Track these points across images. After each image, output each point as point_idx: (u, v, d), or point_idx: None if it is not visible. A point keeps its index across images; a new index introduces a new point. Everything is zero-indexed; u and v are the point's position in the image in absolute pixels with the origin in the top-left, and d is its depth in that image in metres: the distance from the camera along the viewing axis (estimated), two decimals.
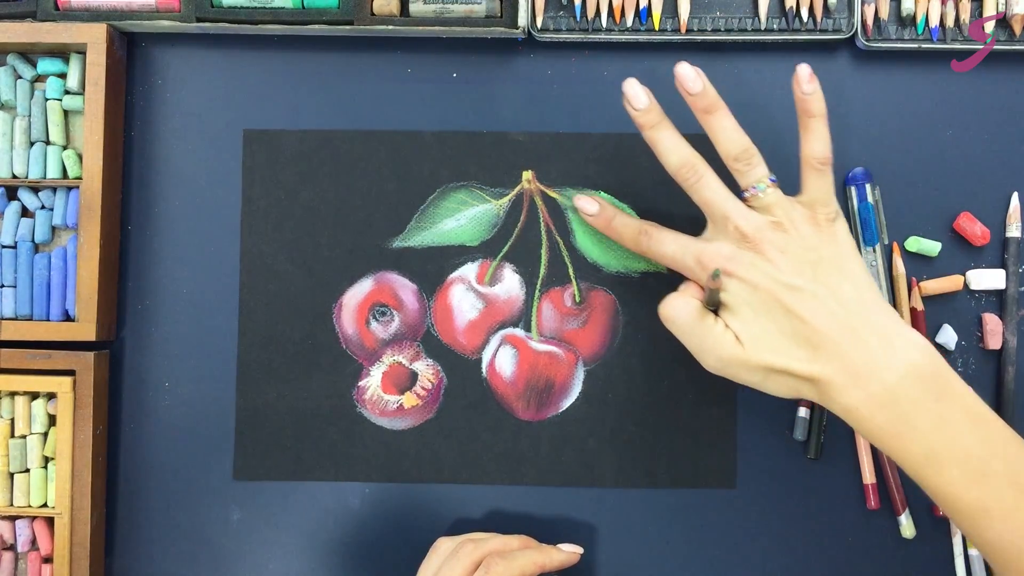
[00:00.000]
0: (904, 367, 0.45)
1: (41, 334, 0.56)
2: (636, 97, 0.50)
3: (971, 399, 0.45)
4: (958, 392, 0.45)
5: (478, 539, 0.54)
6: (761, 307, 0.47)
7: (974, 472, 0.43)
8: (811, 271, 0.47)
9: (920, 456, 0.44)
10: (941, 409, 0.44)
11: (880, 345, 0.45)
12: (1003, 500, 0.43)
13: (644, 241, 0.52)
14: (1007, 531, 0.42)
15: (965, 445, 0.44)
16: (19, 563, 0.58)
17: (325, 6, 0.56)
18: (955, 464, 0.43)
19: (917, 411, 0.44)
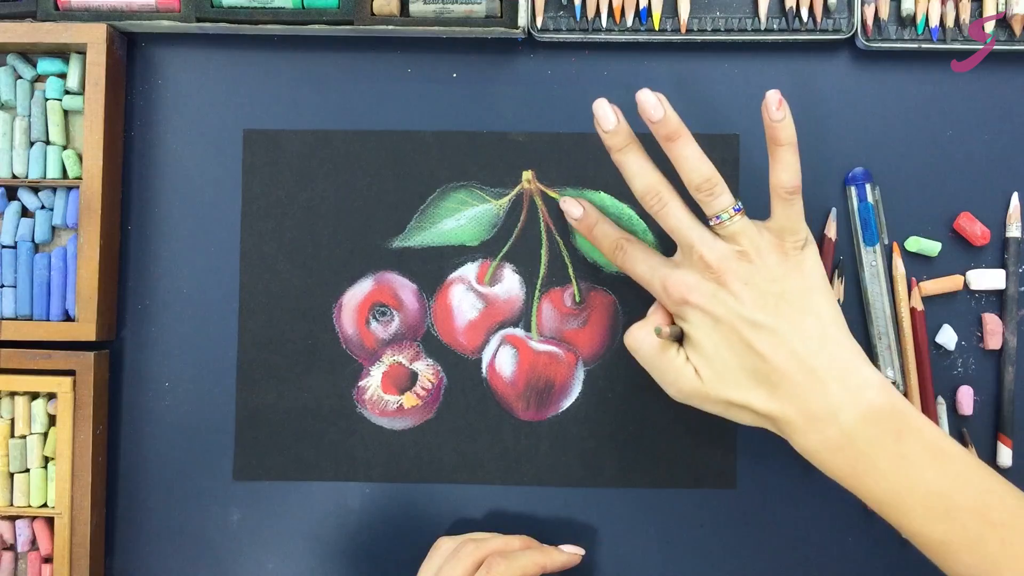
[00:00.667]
0: (861, 408, 0.45)
1: (41, 334, 0.56)
2: (605, 118, 0.50)
3: (931, 433, 0.45)
4: (917, 427, 0.45)
5: (479, 539, 0.54)
6: (722, 341, 0.47)
7: (938, 508, 0.43)
8: (774, 305, 0.47)
9: (882, 495, 0.44)
10: (900, 448, 0.44)
11: (838, 387, 0.45)
12: (968, 532, 0.43)
13: (619, 255, 0.52)
14: (975, 563, 0.43)
15: (927, 481, 0.44)
16: (19, 563, 0.58)
17: (325, 6, 0.56)
18: (918, 502, 0.44)
19: (876, 452, 0.44)
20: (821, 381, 0.45)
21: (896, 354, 0.57)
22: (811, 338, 0.46)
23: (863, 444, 0.45)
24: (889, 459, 0.44)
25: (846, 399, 0.45)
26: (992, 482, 0.44)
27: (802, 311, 0.47)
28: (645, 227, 0.58)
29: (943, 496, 0.44)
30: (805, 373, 0.46)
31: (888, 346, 0.57)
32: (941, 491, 0.44)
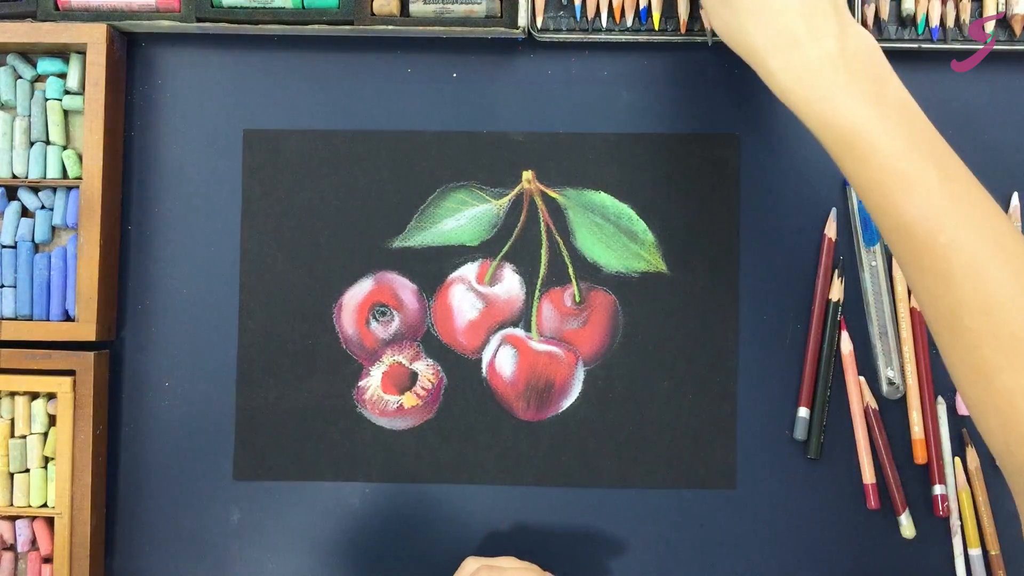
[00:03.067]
0: (854, 41, 0.45)
1: (41, 334, 0.56)
2: None
3: (906, 94, 0.45)
4: (895, 84, 0.46)
5: (499, 567, 0.52)
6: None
7: (905, 141, 0.43)
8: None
9: (854, 119, 0.43)
10: (881, 85, 0.45)
11: (827, 18, 0.45)
12: (927, 175, 0.42)
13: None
14: (927, 206, 0.42)
15: (902, 115, 0.44)
16: (19, 563, 0.58)
17: (325, 6, 0.56)
18: (888, 132, 0.43)
19: (852, 79, 0.44)
20: (834, 8, 0.45)
21: (896, 354, 0.57)
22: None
23: (840, 72, 0.44)
24: (873, 89, 0.44)
25: (833, 28, 0.45)
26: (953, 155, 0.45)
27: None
28: (645, 227, 0.58)
29: (919, 135, 0.44)
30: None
31: (888, 346, 0.57)
32: (916, 130, 0.44)
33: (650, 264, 0.58)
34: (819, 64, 0.44)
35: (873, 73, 0.45)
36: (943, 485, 0.56)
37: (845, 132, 0.44)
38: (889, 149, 0.43)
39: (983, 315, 0.41)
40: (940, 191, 0.42)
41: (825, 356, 0.57)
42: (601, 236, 0.58)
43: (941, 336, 0.43)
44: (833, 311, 0.57)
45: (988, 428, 0.42)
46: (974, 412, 0.43)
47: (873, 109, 0.44)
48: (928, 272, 0.42)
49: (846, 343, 0.57)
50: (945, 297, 0.42)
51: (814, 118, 0.45)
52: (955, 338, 0.42)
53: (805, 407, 0.57)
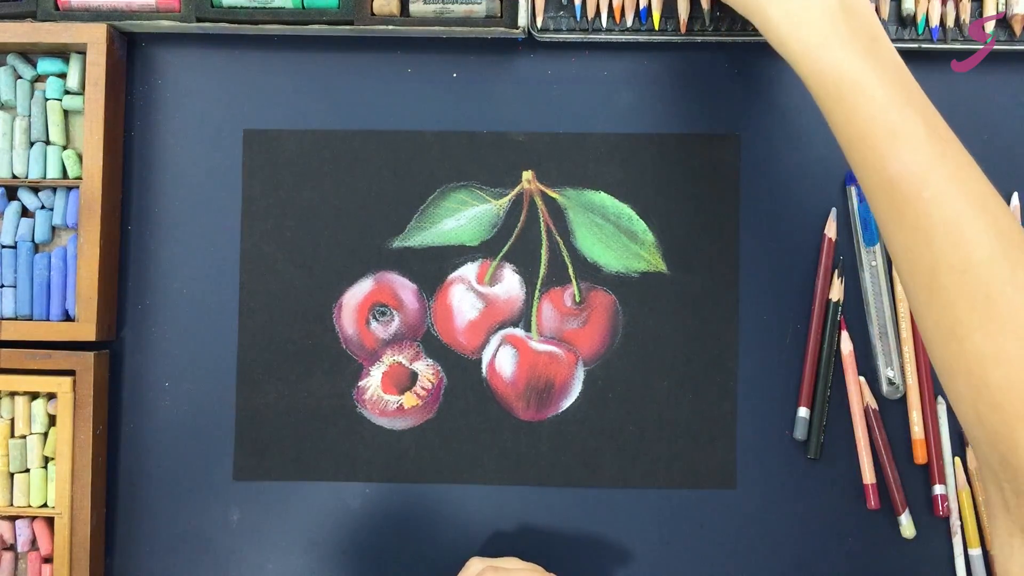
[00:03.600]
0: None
1: (41, 334, 0.56)
2: None
3: (897, 54, 0.46)
4: (888, 45, 0.46)
5: (504, 568, 0.52)
6: None
7: (896, 97, 0.43)
8: None
9: (847, 69, 0.44)
10: (874, 40, 0.45)
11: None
12: (915, 129, 0.42)
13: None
14: (912, 162, 0.42)
15: (894, 72, 0.44)
16: (19, 563, 0.58)
17: (325, 6, 0.56)
18: (880, 85, 0.43)
19: (851, 31, 0.44)
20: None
21: (896, 354, 0.57)
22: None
23: (839, 23, 0.44)
24: (865, 42, 0.44)
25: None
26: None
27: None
28: (645, 227, 0.58)
29: (908, 90, 0.44)
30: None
31: (888, 346, 0.57)
32: (906, 87, 0.44)
33: (650, 264, 0.58)
34: (819, 14, 0.45)
35: (869, 30, 0.45)
36: (943, 485, 0.56)
37: (838, 82, 0.44)
38: (880, 101, 0.43)
39: (960, 274, 0.41)
40: (927, 146, 0.42)
41: (825, 356, 0.57)
42: (601, 236, 0.58)
43: (917, 296, 0.43)
44: (833, 311, 0.57)
45: (958, 393, 0.42)
46: (944, 376, 0.43)
47: (867, 62, 0.44)
48: (909, 228, 0.42)
49: (846, 343, 0.57)
50: (924, 254, 0.42)
51: (808, 67, 0.45)
52: (931, 297, 0.42)
53: (805, 407, 0.57)
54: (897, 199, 0.42)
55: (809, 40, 0.45)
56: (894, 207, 0.43)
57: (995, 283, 0.40)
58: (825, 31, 0.45)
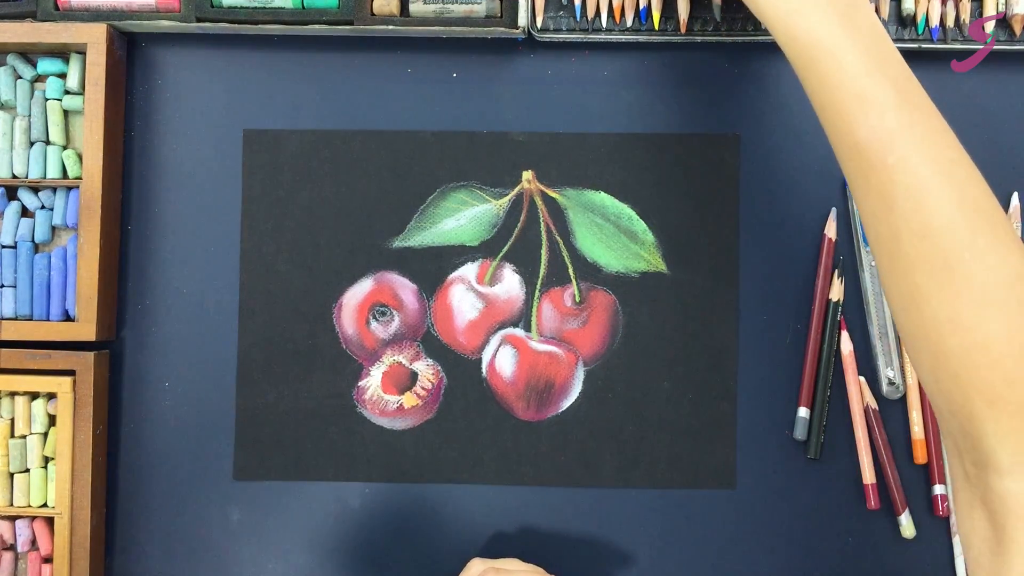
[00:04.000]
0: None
1: (41, 334, 0.56)
2: None
3: (877, 21, 0.45)
4: (869, 8, 0.45)
5: (505, 569, 0.52)
6: None
7: (868, 63, 0.43)
8: None
9: (823, 36, 0.44)
10: (856, 11, 0.44)
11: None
12: (885, 95, 0.42)
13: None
14: (879, 128, 0.42)
15: (871, 39, 0.44)
16: (19, 563, 0.58)
17: (325, 6, 0.56)
18: (853, 51, 0.43)
19: (830, 2, 0.44)
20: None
21: (896, 354, 0.57)
22: None
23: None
24: (843, 11, 0.44)
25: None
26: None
27: None
28: (645, 227, 0.58)
29: (884, 57, 0.43)
30: None
31: (888, 346, 0.57)
32: (882, 53, 0.44)
33: (650, 264, 0.58)
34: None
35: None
36: (943, 485, 0.56)
37: (811, 47, 0.44)
38: (852, 68, 0.43)
39: (920, 239, 0.41)
40: (895, 113, 0.42)
41: (825, 356, 0.57)
42: (601, 236, 0.58)
43: (881, 262, 0.43)
44: (833, 311, 0.57)
45: (919, 359, 0.42)
46: (907, 342, 0.43)
47: (843, 29, 0.43)
48: (874, 194, 0.42)
49: (846, 343, 0.57)
50: (887, 220, 0.42)
51: (784, 31, 0.44)
52: (892, 263, 0.42)
53: (805, 407, 0.57)
54: (863, 165, 0.42)
55: (787, 4, 0.44)
56: (861, 173, 0.43)
57: (954, 249, 0.40)
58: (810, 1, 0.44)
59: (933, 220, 0.41)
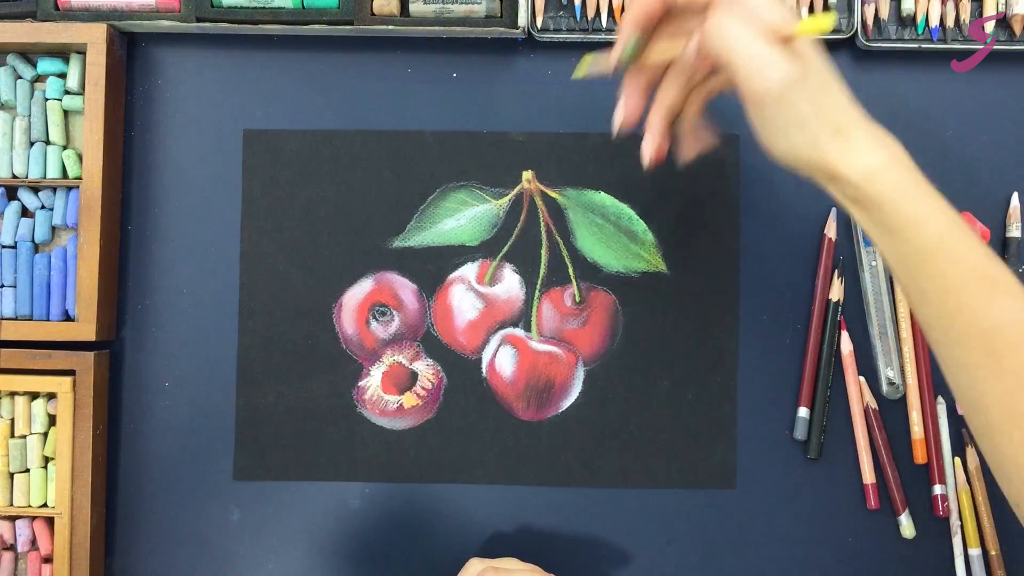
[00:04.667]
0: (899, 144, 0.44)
1: (41, 334, 0.56)
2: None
3: None
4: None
5: (504, 568, 0.52)
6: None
7: (986, 246, 0.43)
8: None
9: (945, 219, 0.42)
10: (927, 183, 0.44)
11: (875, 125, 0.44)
12: (1011, 277, 0.42)
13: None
14: (1014, 308, 0.41)
15: (957, 218, 0.43)
16: (19, 563, 0.58)
17: (325, 6, 0.56)
18: (971, 232, 0.42)
19: (926, 180, 0.43)
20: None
21: (896, 354, 0.57)
22: None
23: (917, 170, 0.43)
24: (939, 194, 0.43)
25: (887, 134, 0.44)
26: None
27: None
28: (645, 227, 0.58)
29: (978, 242, 0.43)
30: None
31: (888, 346, 0.57)
32: (976, 238, 0.43)
33: (650, 264, 0.58)
34: (907, 162, 0.43)
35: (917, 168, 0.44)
36: (943, 485, 0.56)
37: (941, 231, 0.42)
38: (979, 249, 0.42)
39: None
40: (1020, 291, 0.42)
41: (825, 356, 0.57)
42: (601, 236, 0.58)
43: (1010, 436, 0.42)
44: (833, 311, 0.57)
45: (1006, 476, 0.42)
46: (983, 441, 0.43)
47: (951, 209, 0.43)
48: (1011, 376, 0.41)
49: (846, 343, 0.57)
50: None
51: (903, 217, 0.43)
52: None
53: (805, 407, 0.57)
54: (997, 348, 0.41)
55: (904, 187, 0.43)
56: (993, 356, 0.41)
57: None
58: (919, 181, 0.43)
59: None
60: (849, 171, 0.43)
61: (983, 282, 0.42)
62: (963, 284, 0.42)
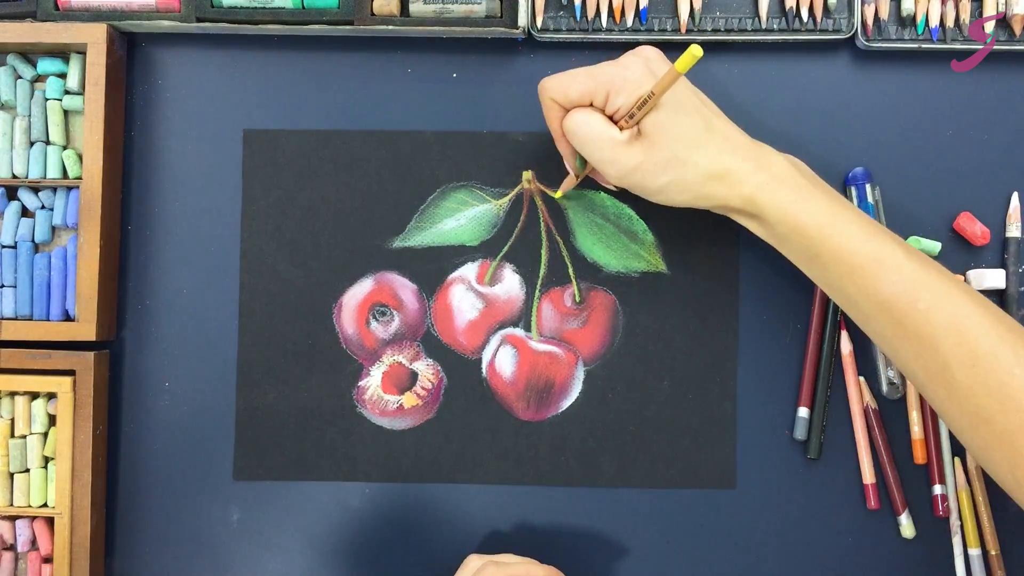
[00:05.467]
0: (784, 159, 0.50)
1: (41, 334, 0.56)
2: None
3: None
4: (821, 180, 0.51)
5: (503, 563, 0.53)
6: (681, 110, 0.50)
7: (868, 229, 0.48)
8: None
9: (824, 217, 0.48)
10: (824, 187, 0.50)
11: (760, 146, 0.51)
12: (895, 253, 0.47)
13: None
14: (900, 280, 0.47)
15: (854, 211, 0.49)
16: (19, 563, 0.58)
17: (325, 6, 0.56)
18: (851, 222, 0.48)
19: (811, 185, 0.49)
20: (750, 141, 0.51)
21: None
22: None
23: (800, 179, 0.49)
24: (821, 190, 0.49)
25: (772, 154, 0.50)
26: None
27: None
28: (645, 227, 0.58)
29: (869, 222, 0.49)
30: (741, 134, 0.51)
31: None
32: (867, 219, 0.49)
33: (650, 264, 0.58)
34: (789, 178, 0.49)
35: (811, 176, 0.51)
36: (943, 485, 0.56)
37: (819, 229, 0.48)
38: (859, 236, 0.48)
39: (971, 367, 0.45)
40: (908, 264, 0.47)
41: (825, 356, 0.57)
42: (601, 236, 0.58)
43: (936, 392, 0.47)
44: (833, 311, 0.57)
45: (995, 467, 0.46)
46: (980, 456, 0.47)
47: (833, 205, 0.49)
48: (913, 338, 0.47)
49: (846, 343, 0.57)
50: (934, 357, 0.46)
51: (791, 224, 0.49)
52: (950, 392, 0.46)
53: (805, 407, 0.57)
54: (895, 315, 0.47)
55: (788, 200, 0.49)
56: (895, 323, 0.47)
57: (1003, 368, 0.45)
58: (793, 190, 0.49)
59: (978, 347, 0.45)
60: (731, 202, 0.50)
61: (870, 263, 0.47)
62: (852, 269, 0.48)
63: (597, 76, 0.49)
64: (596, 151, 0.50)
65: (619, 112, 0.49)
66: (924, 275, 0.47)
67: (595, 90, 0.49)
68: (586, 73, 0.50)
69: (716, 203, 0.50)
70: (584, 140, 0.50)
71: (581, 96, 0.50)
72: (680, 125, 0.49)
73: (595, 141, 0.50)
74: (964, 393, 0.46)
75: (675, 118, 0.49)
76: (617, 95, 0.49)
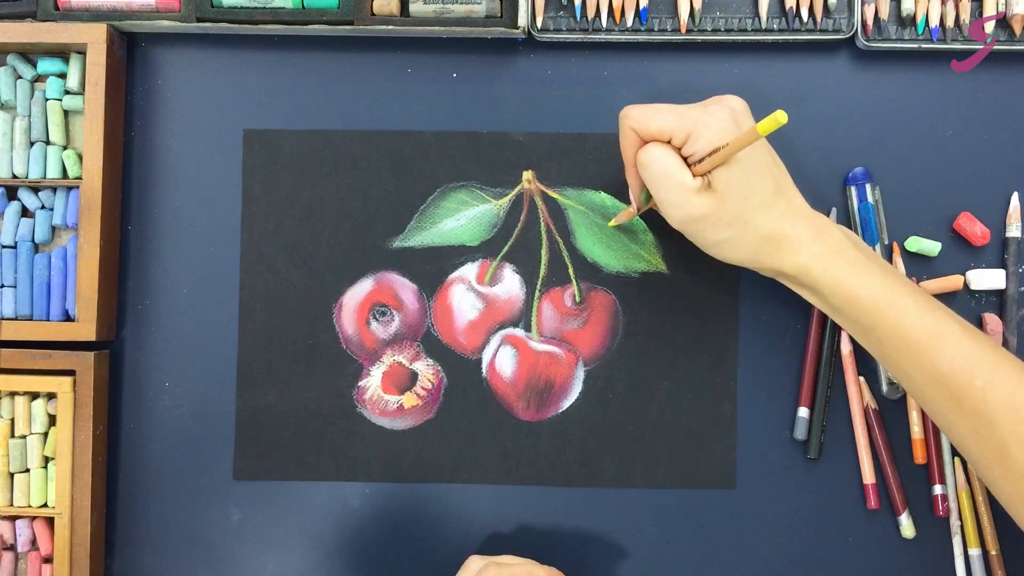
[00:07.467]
0: (840, 231, 0.51)
1: (41, 334, 0.56)
2: None
3: None
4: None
5: (504, 564, 0.53)
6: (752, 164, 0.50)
7: (924, 304, 0.48)
8: None
9: (879, 290, 0.48)
10: (879, 260, 0.50)
11: (819, 217, 0.51)
12: (952, 328, 0.47)
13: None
14: (958, 356, 0.47)
15: (910, 285, 0.49)
16: (19, 563, 0.58)
17: (325, 6, 0.56)
18: (907, 296, 0.48)
19: (866, 258, 0.49)
20: (815, 212, 0.51)
21: None
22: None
23: (855, 251, 0.49)
24: (877, 264, 0.50)
25: (830, 224, 0.51)
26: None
27: None
28: (645, 227, 0.58)
29: (925, 297, 0.49)
30: (804, 202, 0.51)
31: None
32: (923, 294, 0.49)
33: (650, 264, 0.58)
34: (846, 251, 0.49)
35: (866, 249, 0.51)
36: (943, 485, 0.56)
37: (877, 302, 0.48)
38: (915, 310, 0.48)
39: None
40: (965, 340, 0.47)
41: (825, 356, 0.57)
42: (601, 236, 0.58)
43: (991, 469, 0.47)
44: None
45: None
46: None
47: (887, 277, 0.49)
48: (971, 415, 0.47)
49: (846, 343, 0.57)
50: (991, 435, 0.46)
51: (846, 296, 0.49)
52: (1006, 470, 0.46)
53: (805, 407, 0.57)
54: (952, 391, 0.47)
55: (845, 273, 0.49)
56: (951, 399, 0.47)
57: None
58: (849, 262, 0.49)
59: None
60: (785, 268, 0.50)
61: (927, 338, 0.47)
62: (908, 344, 0.48)
63: (683, 116, 0.48)
64: (665, 191, 0.49)
65: (693, 157, 0.49)
66: (981, 352, 0.47)
67: (676, 129, 0.48)
68: (671, 111, 0.49)
69: (769, 267, 0.50)
70: (655, 177, 0.49)
71: (661, 132, 0.49)
72: (752, 185, 0.48)
73: (667, 181, 0.49)
74: (1021, 471, 0.46)
75: (748, 177, 0.48)
76: (697, 140, 0.48)
